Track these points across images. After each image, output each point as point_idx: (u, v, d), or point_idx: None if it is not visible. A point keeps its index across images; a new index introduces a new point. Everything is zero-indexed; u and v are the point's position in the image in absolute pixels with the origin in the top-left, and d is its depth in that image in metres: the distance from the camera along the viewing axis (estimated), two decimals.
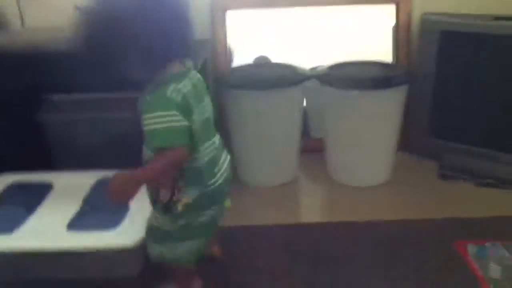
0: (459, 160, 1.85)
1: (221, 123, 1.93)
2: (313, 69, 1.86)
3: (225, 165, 1.17)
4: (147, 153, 1.09)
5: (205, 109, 1.11)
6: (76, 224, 1.30)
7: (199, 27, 1.46)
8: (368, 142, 1.77)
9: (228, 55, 1.96)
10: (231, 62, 1.99)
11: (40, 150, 1.64)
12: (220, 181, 1.13)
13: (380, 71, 1.80)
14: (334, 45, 2.05)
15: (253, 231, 1.47)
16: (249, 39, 2.04)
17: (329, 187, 1.83)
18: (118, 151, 1.59)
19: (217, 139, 1.16)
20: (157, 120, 0.98)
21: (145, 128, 1.00)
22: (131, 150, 1.27)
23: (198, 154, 1.07)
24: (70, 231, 1.28)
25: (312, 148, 1.96)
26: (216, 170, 1.13)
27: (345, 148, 1.81)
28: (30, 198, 1.42)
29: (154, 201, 1.13)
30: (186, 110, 1.01)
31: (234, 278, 1.32)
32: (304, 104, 1.87)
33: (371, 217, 1.60)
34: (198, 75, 1.11)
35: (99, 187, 1.47)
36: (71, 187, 1.47)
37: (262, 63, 2.00)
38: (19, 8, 1.91)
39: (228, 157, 1.20)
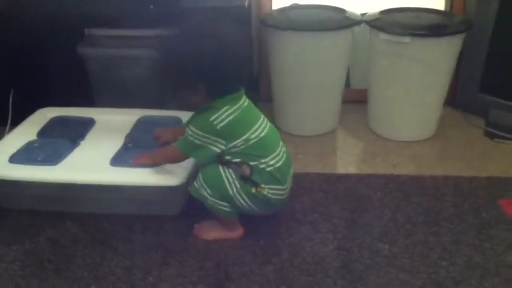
0: (507, 118, 1.76)
1: (264, 68, 1.88)
2: (362, 14, 1.75)
3: (291, 178, 1.25)
4: None
5: (259, 129, 1.18)
6: (119, 159, 1.30)
7: None
8: (416, 94, 1.69)
9: None
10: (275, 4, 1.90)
11: (81, 86, 1.64)
12: (287, 193, 1.23)
13: (435, 18, 1.69)
14: None
15: (293, 178, 1.44)
16: None
17: (369, 140, 1.77)
18: (157, 91, 1.58)
19: (282, 152, 1.21)
20: (191, 134, 1.15)
21: (184, 134, 1.18)
22: (170, 89, 1.25)
23: (262, 163, 1.16)
24: (113, 166, 1.28)
25: (352, 98, 1.90)
26: (287, 181, 1.21)
27: (389, 100, 1.74)
28: (73, 132, 1.43)
29: (238, 166, 1.18)
30: (228, 135, 1.14)
31: (271, 223, 1.31)
32: None
33: (412, 171, 1.55)
34: (248, 101, 1.19)
35: (141, 125, 1.47)
36: (112, 123, 1.47)
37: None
38: None
39: (292, 166, 1.27)
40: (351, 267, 1.17)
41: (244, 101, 1.18)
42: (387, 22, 1.64)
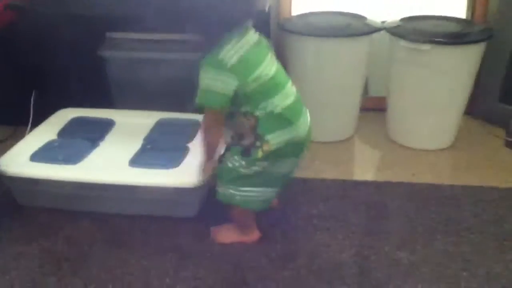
0: None
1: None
2: (383, 22, 1.75)
3: (307, 118, 1.19)
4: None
5: (268, 66, 1.12)
6: (138, 160, 1.31)
7: None
8: (435, 102, 1.67)
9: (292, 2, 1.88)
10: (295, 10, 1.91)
11: (101, 88, 1.65)
12: (303, 132, 1.16)
13: (456, 26, 1.68)
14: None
15: (310, 184, 1.43)
16: None
17: (387, 148, 1.76)
18: (177, 94, 1.58)
19: (291, 90, 1.17)
20: (205, 78, 1.06)
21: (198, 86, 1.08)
22: (190, 93, 1.26)
23: (271, 104, 1.11)
24: (132, 166, 1.29)
25: (370, 106, 1.89)
26: (299, 119, 1.15)
27: (408, 108, 1.72)
28: (93, 133, 1.45)
29: (235, 143, 1.14)
30: (243, 69, 1.07)
31: (288, 228, 1.31)
32: None
33: (430, 180, 1.53)
34: (257, 35, 1.14)
35: (159, 127, 1.48)
36: (132, 125, 1.48)
37: None
38: None
39: (308, 112, 1.21)
40: (369, 275, 1.15)
41: (252, 36, 1.11)
42: (408, 30, 1.63)
